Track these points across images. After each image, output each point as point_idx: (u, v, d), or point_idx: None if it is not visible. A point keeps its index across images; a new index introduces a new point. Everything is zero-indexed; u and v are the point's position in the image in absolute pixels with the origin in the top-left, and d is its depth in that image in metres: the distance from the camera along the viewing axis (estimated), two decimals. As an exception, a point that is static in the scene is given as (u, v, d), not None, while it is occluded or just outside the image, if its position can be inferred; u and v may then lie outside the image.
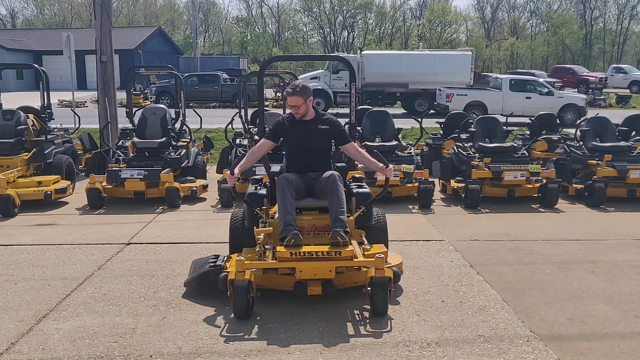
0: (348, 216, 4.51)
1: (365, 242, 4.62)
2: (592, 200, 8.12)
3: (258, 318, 4.21)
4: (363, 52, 23.52)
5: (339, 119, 4.88)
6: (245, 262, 4.09)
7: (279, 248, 4.20)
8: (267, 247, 4.43)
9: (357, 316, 4.26)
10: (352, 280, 4.43)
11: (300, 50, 70.90)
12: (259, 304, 4.45)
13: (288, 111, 5.31)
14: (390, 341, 3.85)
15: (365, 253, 4.31)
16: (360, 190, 4.77)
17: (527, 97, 18.98)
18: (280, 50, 64.33)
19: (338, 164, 4.95)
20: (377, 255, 4.11)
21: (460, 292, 4.77)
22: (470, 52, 24.50)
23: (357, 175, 5.18)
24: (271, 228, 4.46)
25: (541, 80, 22.80)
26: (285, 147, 4.91)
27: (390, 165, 4.70)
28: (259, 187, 4.90)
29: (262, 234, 4.39)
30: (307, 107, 4.69)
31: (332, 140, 4.87)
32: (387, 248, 4.90)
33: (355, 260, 4.17)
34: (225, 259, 4.66)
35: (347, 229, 4.33)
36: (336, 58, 4.88)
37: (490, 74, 31.11)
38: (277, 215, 4.49)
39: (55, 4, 75.13)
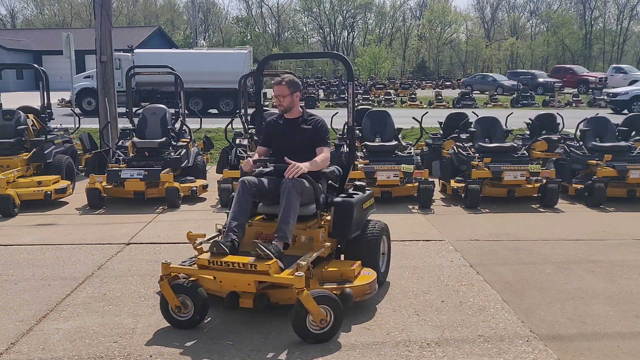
0: (307, 227, 4.31)
1: (327, 255, 4.33)
2: (592, 200, 8.12)
3: (258, 318, 4.20)
4: (135, 51, 22.61)
5: (324, 121, 4.66)
6: (170, 265, 4.00)
7: (202, 255, 4.01)
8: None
9: (357, 316, 4.25)
10: (289, 297, 4.01)
11: (299, 50, 70.93)
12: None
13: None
14: (390, 341, 3.86)
15: (301, 268, 3.78)
16: (340, 199, 4.50)
17: None
18: (280, 50, 64.30)
19: (326, 170, 4.57)
20: (296, 274, 3.70)
21: (460, 292, 4.77)
22: (247, 50, 23.86)
23: (358, 183, 5.00)
24: (204, 233, 4.27)
25: None
26: (273, 149, 4.70)
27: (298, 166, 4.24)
28: None
29: (199, 239, 4.18)
30: (291, 100, 4.56)
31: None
32: (378, 263, 4.65)
33: (273, 276, 3.77)
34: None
35: (288, 241, 4.05)
36: (334, 55, 4.79)
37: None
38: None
39: (55, 4, 75.15)
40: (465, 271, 5.31)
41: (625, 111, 21.84)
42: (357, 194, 4.72)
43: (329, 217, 4.59)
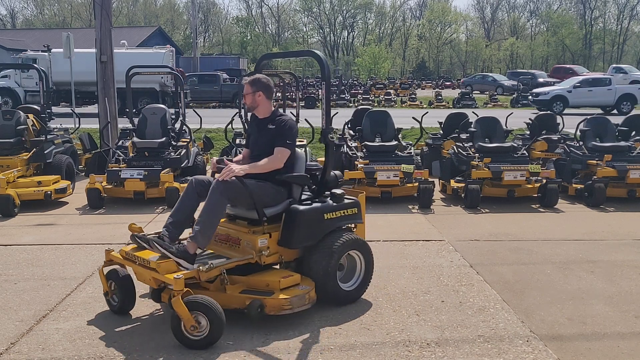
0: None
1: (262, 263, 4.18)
2: (592, 200, 8.12)
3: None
4: (52, 50, 22.28)
5: (290, 122, 4.45)
6: (112, 252, 4.30)
7: (127, 247, 4.25)
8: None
9: (357, 316, 4.25)
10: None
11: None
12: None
13: (289, 111, 5.24)
14: (390, 341, 3.86)
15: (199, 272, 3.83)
16: (294, 207, 4.30)
17: None
18: (280, 50, 64.29)
19: (294, 174, 4.42)
20: (175, 276, 3.68)
21: (460, 292, 4.77)
22: (166, 50, 23.56)
23: (338, 191, 4.53)
24: (141, 227, 4.35)
25: None
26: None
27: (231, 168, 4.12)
28: None
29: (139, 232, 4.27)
30: (253, 99, 4.43)
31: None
32: (333, 279, 4.28)
33: (159, 274, 3.82)
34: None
35: (198, 243, 3.99)
36: (308, 53, 4.50)
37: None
38: None
39: (55, 4, 75.19)
40: (465, 271, 5.31)
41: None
42: (322, 202, 4.43)
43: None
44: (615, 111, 23.07)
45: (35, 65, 10.19)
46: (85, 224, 7.25)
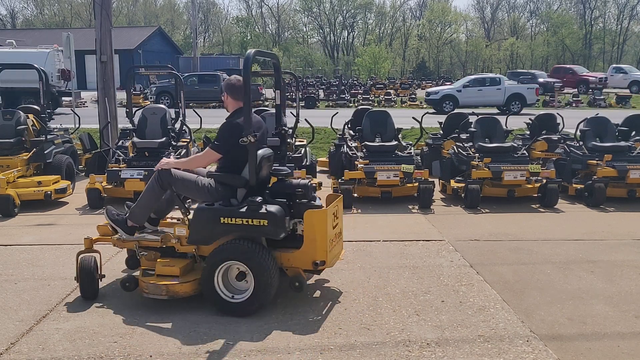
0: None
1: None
2: (592, 200, 8.12)
3: (258, 318, 4.20)
4: None
5: (226, 124, 4.54)
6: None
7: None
8: None
9: (357, 316, 4.26)
10: None
11: (300, 50, 71.00)
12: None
13: (289, 111, 5.26)
14: (390, 341, 3.86)
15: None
16: (199, 205, 4.43)
17: None
18: (280, 51, 64.36)
19: (219, 173, 4.54)
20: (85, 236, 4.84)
21: (460, 292, 4.77)
22: (51, 50, 22.73)
23: (276, 201, 4.42)
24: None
25: None
26: None
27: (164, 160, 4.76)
28: None
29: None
30: (224, 100, 4.77)
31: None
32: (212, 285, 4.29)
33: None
34: None
35: (131, 219, 4.69)
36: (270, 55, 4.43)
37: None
38: None
39: (55, 4, 75.18)
40: (465, 271, 5.31)
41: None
42: (226, 205, 4.36)
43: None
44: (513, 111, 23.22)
45: (35, 65, 10.17)
46: (85, 224, 7.24)
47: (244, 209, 4.26)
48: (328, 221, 4.34)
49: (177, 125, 9.67)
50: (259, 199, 4.27)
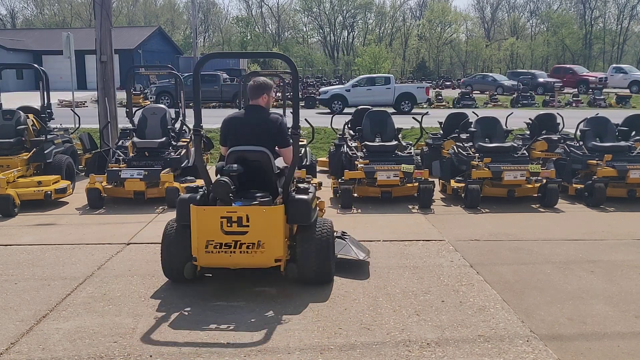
0: None
1: None
2: (592, 200, 8.12)
3: (258, 318, 4.20)
4: None
5: (281, 119, 5.02)
6: None
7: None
8: None
9: (357, 316, 4.26)
10: None
11: (300, 50, 70.96)
12: (259, 303, 4.45)
13: (290, 111, 5.33)
14: (390, 341, 3.86)
15: None
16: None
17: None
18: (280, 50, 64.31)
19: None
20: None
21: (460, 292, 4.77)
22: None
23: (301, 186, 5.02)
24: None
25: None
26: None
27: None
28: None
29: None
30: (267, 99, 5.07)
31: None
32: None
33: None
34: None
35: None
36: (277, 55, 4.55)
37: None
38: None
39: (55, 4, 75.21)
40: (465, 271, 5.31)
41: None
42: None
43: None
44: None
45: (35, 65, 10.18)
46: (85, 224, 7.25)
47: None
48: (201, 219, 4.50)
49: (177, 125, 9.67)
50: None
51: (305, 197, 4.69)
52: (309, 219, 4.66)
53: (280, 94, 14.12)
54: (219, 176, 4.66)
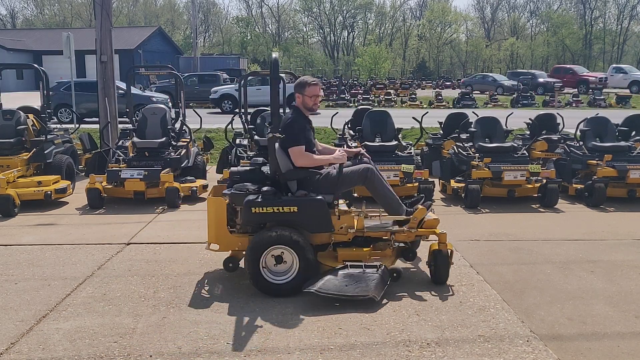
0: None
1: None
2: (592, 200, 8.12)
3: (258, 318, 4.20)
4: None
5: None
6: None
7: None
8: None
9: (357, 316, 4.25)
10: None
11: (300, 50, 70.97)
12: (258, 304, 4.45)
13: (287, 110, 5.33)
14: (390, 341, 3.86)
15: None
16: None
17: None
18: (280, 50, 64.33)
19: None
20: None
21: (460, 292, 4.77)
22: None
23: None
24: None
25: None
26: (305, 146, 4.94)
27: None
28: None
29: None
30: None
31: None
32: None
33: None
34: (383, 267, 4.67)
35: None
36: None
37: None
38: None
39: (55, 4, 75.22)
40: (465, 271, 5.31)
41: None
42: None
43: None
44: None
45: (35, 65, 10.18)
46: (85, 224, 7.25)
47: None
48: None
49: (177, 125, 9.67)
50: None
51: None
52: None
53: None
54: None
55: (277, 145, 4.76)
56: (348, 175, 4.85)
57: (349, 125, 10.32)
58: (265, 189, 4.66)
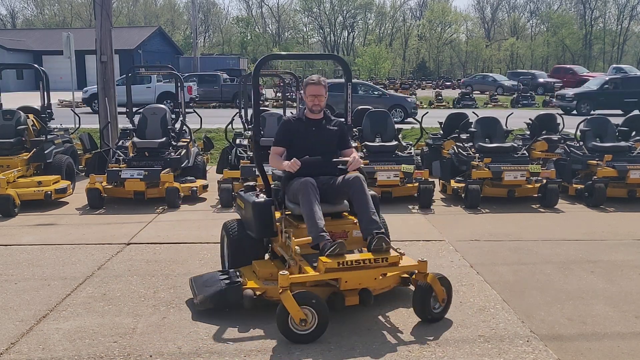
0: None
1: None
2: (592, 200, 8.12)
3: (258, 318, 4.20)
4: None
5: (344, 122, 4.78)
6: (290, 276, 3.79)
7: (322, 259, 3.86)
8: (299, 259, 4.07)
9: (357, 316, 4.25)
10: (381, 286, 4.27)
11: (300, 51, 70.91)
12: (258, 303, 4.44)
13: (289, 111, 5.27)
14: (390, 341, 3.85)
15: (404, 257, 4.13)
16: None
17: None
18: (280, 51, 64.27)
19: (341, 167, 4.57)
20: (419, 259, 4.13)
21: (460, 292, 4.76)
22: None
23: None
24: (310, 238, 4.06)
25: None
26: (293, 149, 4.59)
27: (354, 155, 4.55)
28: (259, 194, 4.71)
29: (298, 246, 4.01)
30: (325, 101, 4.64)
31: None
32: None
33: (400, 265, 4.05)
34: (238, 274, 4.30)
35: (383, 230, 4.24)
36: (332, 57, 4.69)
37: None
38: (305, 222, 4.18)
39: (55, 4, 75.20)
40: (465, 271, 5.31)
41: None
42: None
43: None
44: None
45: (35, 65, 10.18)
46: (85, 224, 7.25)
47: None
48: None
49: (177, 125, 9.67)
50: None
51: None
52: None
53: (280, 94, 14.08)
54: None
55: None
56: (292, 186, 4.43)
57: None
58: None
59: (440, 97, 28.25)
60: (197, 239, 6.39)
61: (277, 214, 4.57)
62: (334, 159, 4.49)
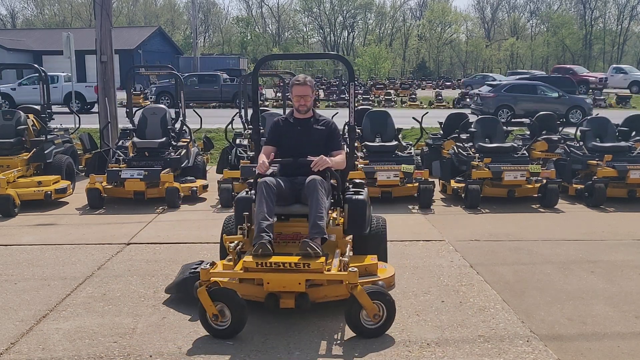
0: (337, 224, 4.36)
1: (349, 252, 4.23)
2: (592, 200, 8.12)
3: (258, 318, 4.20)
4: None
5: (335, 122, 4.68)
6: (211, 270, 3.85)
7: (246, 257, 3.89)
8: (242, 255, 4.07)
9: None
10: (332, 294, 4.10)
11: (300, 51, 70.89)
12: (258, 303, 4.44)
13: (288, 110, 5.25)
14: (390, 341, 3.85)
15: (346, 265, 3.89)
16: (354, 197, 4.51)
17: None
18: (280, 51, 64.30)
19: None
20: (350, 269, 3.80)
21: (460, 292, 4.76)
22: None
23: (357, 180, 4.91)
24: (241, 236, 4.13)
25: None
26: (281, 149, 4.60)
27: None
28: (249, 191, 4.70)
29: (235, 242, 4.08)
30: (312, 100, 4.59)
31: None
32: (386, 257, 4.73)
33: (325, 273, 3.83)
34: (209, 265, 4.11)
35: (326, 236, 4.06)
36: (335, 56, 4.68)
37: None
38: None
39: (55, 4, 75.18)
40: (465, 271, 5.31)
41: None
42: (363, 191, 4.66)
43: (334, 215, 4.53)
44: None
45: (35, 65, 10.18)
46: (85, 224, 7.25)
47: (367, 191, 4.80)
48: None
49: (177, 125, 9.66)
50: None
51: None
52: None
53: (280, 94, 14.08)
54: None
55: None
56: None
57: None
58: None
59: (440, 97, 28.24)
60: (197, 239, 6.39)
61: None
62: (300, 159, 4.41)
